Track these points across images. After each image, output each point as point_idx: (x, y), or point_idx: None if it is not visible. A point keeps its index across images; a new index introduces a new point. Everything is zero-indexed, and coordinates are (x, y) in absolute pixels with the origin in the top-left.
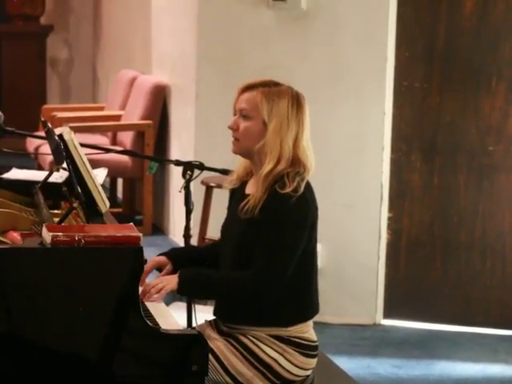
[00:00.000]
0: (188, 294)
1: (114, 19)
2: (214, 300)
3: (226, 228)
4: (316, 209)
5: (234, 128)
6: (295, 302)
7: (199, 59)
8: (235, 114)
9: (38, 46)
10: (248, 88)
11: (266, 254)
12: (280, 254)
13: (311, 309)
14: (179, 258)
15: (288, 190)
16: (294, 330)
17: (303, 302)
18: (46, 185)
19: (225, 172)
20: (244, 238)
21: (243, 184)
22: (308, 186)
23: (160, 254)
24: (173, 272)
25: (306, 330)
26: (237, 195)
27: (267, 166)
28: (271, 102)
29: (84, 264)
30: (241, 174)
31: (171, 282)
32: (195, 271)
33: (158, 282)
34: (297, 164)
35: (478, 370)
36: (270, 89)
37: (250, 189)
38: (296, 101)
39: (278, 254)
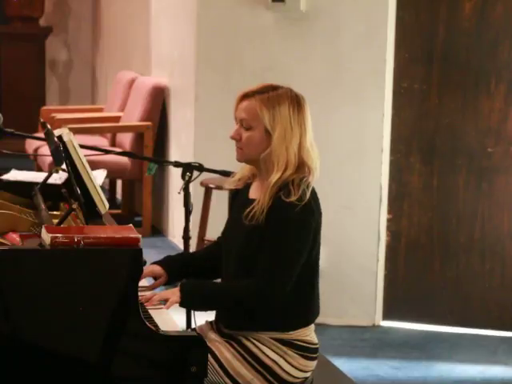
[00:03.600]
0: (191, 307)
1: (114, 21)
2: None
3: (228, 232)
4: (320, 215)
5: (237, 138)
6: (297, 308)
7: (198, 61)
8: (237, 123)
9: (37, 47)
10: (246, 96)
11: (269, 262)
12: (283, 262)
13: (313, 313)
14: (174, 268)
15: (293, 198)
16: (296, 334)
17: (305, 307)
18: (45, 186)
19: (224, 173)
20: (248, 244)
21: (246, 187)
22: (313, 191)
23: (154, 263)
24: (167, 282)
25: (308, 334)
26: (240, 199)
27: (275, 175)
28: (271, 109)
29: (83, 265)
30: (246, 176)
31: (173, 295)
32: (197, 284)
33: (163, 294)
34: (302, 167)
35: (478, 371)
36: (269, 95)
37: (253, 193)
38: (296, 103)
39: (281, 262)
